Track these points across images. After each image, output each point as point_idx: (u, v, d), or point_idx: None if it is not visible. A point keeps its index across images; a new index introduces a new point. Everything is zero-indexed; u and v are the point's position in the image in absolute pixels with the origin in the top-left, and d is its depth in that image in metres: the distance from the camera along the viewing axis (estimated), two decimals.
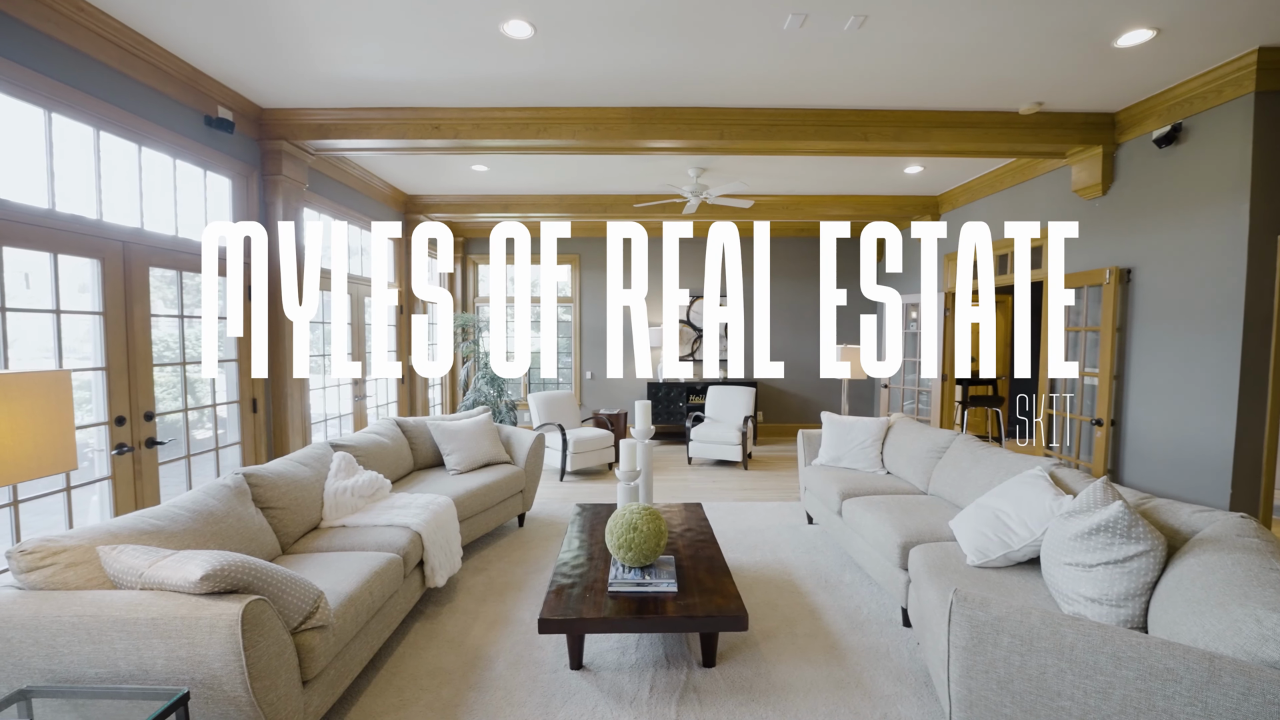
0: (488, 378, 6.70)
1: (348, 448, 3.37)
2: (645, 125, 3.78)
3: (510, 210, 6.13)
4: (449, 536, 3.04)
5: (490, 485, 3.76)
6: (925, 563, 2.45)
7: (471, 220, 7.22)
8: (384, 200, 5.69)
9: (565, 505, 4.74)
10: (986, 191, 5.35)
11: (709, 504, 4.77)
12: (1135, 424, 3.71)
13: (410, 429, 4.11)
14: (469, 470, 3.96)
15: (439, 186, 5.79)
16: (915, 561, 2.55)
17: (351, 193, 5.11)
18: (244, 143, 3.73)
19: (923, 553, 2.55)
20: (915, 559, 2.57)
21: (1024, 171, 4.78)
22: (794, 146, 3.99)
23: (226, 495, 2.36)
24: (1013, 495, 2.49)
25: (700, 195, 5.05)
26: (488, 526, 3.77)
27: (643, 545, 2.45)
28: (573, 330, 7.71)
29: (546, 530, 4.15)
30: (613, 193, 5.95)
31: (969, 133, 3.87)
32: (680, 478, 5.69)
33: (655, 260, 7.64)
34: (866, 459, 4.04)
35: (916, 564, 2.52)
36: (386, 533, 2.73)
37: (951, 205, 5.93)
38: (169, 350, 3.27)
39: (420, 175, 5.38)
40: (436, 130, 3.82)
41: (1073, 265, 4.28)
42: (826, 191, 5.97)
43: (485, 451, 4.08)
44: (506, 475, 3.95)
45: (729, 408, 6.44)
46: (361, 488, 3.02)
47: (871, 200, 6.12)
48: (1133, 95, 3.56)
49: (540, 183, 5.60)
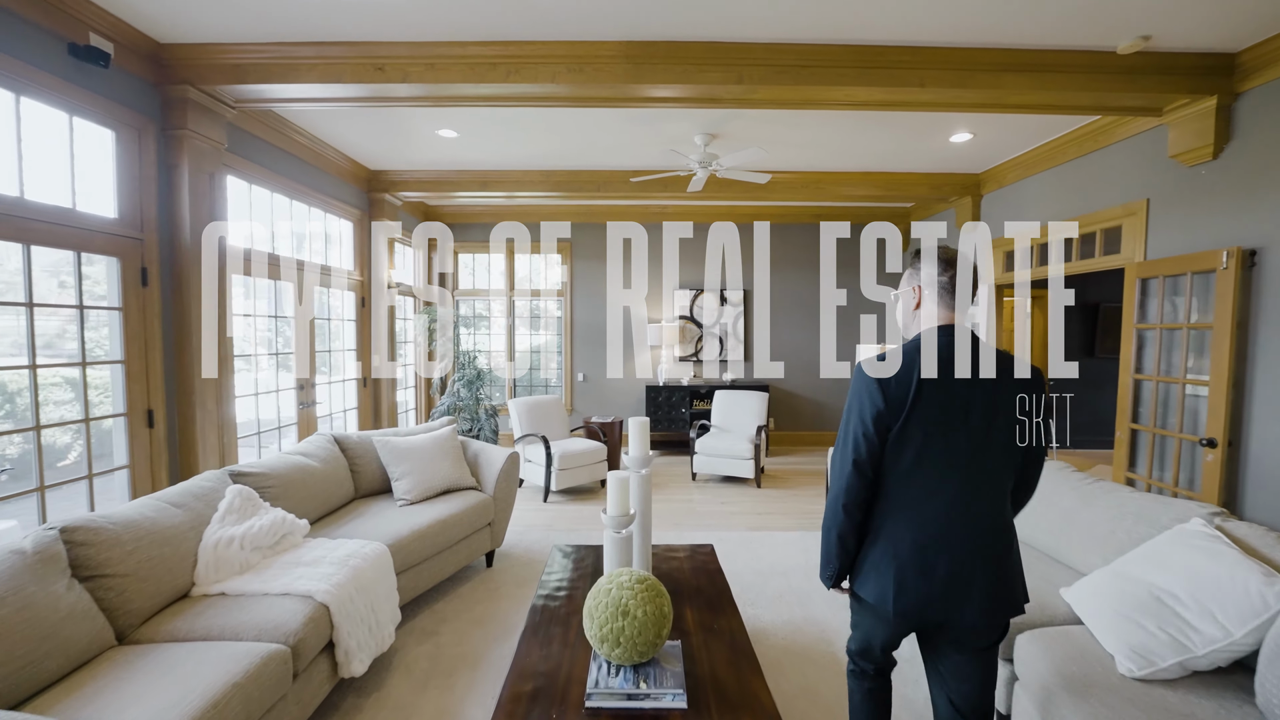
0: (466, 380, 5.92)
1: (252, 476, 2.58)
2: (643, 65, 2.99)
3: (490, 189, 5.34)
4: (376, 601, 2.25)
5: (447, 520, 2.98)
6: (1052, 666, 1.67)
7: (448, 203, 6.44)
8: (341, 175, 4.90)
9: (547, 535, 3.96)
10: (1043, 165, 4.56)
11: (719, 535, 3.99)
12: (1262, 445, 2.93)
13: (352, 447, 3.32)
14: (423, 499, 3.18)
15: (405, 160, 5.00)
16: (1030, 657, 1.77)
17: (298, 164, 4.32)
18: (134, 86, 2.94)
19: (1040, 646, 1.77)
20: (1029, 652, 1.79)
21: (1096, 138, 4.00)
22: (829, 96, 3.20)
23: (13, 569, 1.57)
24: (1177, 565, 1.71)
25: (709, 167, 4.26)
26: (443, 573, 2.99)
27: (637, 638, 1.67)
28: (563, 327, 6.93)
29: (522, 572, 3.37)
30: (606, 167, 5.15)
31: (1049, 79, 3.08)
32: (684, 498, 4.91)
33: (655, 250, 6.85)
34: None
35: (1034, 665, 1.74)
36: (278, 606, 1.94)
37: (997, 184, 5.14)
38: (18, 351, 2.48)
39: (381, 145, 4.59)
40: (380, 72, 3.03)
41: (1166, 248, 3.50)
42: (851, 168, 5.18)
43: (444, 475, 3.30)
44: (470, 506, 3.17)
45: (738, 415, 5.66)
46: (259, 536, 2.23)
47: (903, 179, 5.33)
48: (1262, 28, 2.77)
49: (522, 154, 4.81)
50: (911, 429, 1.35)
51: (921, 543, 1.35)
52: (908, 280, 1.54)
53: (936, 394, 1.34)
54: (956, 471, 1.35)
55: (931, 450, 1.35)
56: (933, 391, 1.34)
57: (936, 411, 1.34)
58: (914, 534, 1.36)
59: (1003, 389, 1.37)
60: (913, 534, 1.36)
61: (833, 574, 1.48)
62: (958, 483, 1.35)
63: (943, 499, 1.35)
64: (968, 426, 1.35)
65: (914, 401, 1.34)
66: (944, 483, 1.35)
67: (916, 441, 1.35)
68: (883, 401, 1.35)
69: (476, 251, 6.93)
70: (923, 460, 1.35)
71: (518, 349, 7.05)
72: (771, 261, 6.90)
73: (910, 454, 1.35)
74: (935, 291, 1.46)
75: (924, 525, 1.35)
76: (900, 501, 1.38)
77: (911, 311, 1.52)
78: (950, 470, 1.35)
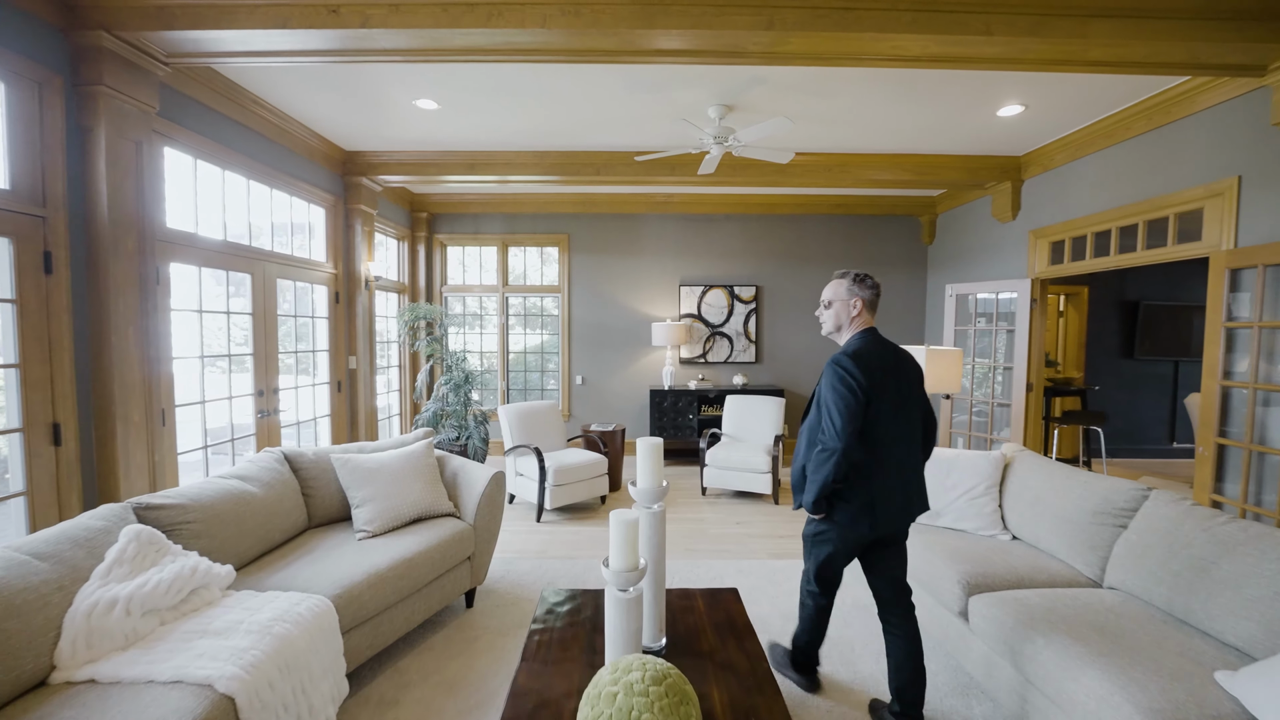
0: (453, 384, 5.40)
1: (164, 510, 2.06)
2: (653, 5, 2.47)
3: (478, 172, 4.81)
4: (309, 680, 1.73)
5: (416, 559, 2.45)
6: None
7: (434, 190, 5.91)
8: (312, 156, 4.37)
9: (539, 566, 3.44)
10: (1099, 144, 4.04)
11: (738, 565, 3.46)
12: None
13: (306, 466, 2.80)
14: (388, 530, 2.65)
15: (383, 139, 4.47)
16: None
17: (259, 140, 3.79)
18: (32, 29, 2.41)
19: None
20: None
21: (1170, 109, 3.48)
22: (873, 48, 2.68)
23: None
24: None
25: (725, 143, 3.74)
26: (411, 622, 2.47)
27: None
28: (561, 326, 6.40)
29: (507, 616, 2.84)
30: (607, 147, 4.63)
31: (1142, 28, 2.56)
32: (694, 517, 4.39)
33: (660, 242, 6.33)
34: (979, 515, 2.73)
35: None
36: (162, 702, 1.42)
37: (1042, 167, 4.62)
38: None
39: (354, 120, 4.06)
40: (335, 15, 2.51)
41: (1262, 233, 2.98)
42: (880, 148, 4.66)
43: (415, 500, 2.77)
44: (446, 538, 2.65)
45: (752, 423, 5.14)
46: (155, 594, 1.71)
47: (936, 162, 4.81)
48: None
49: (512, 131, 4.29)
50: (879, 403, 1.87)
51: (886, 483, 1.92)
52: (849, 293, 2.02)
53: (888, 378, 1.90)
54: (900, 430, 1.93)
55: (886, 417, 1.89)
56: (885, 376, 1.89)
57: (890, 389, 1.90)
58: (880, 477, 1.91)
59: (913, 372, 2.00)
60: (880, 477, 1.91)
61: (812, 504, 1.93)
62: (902, 439, 1.94)
63: (894, 451, 1.92)
64: (903, 398, 1.93)
65: (880, 384, 1.87)
66: (895, 439, 1.92)
67: (880, 412, 1.88)
68: (868, 384, 1.84)
69: (466, 244, 6.41)
70: (883, 424, 1.89)
71: (511, 350, 6.53)
72: (786, 255, 6.38)
73: (876, 420, 1.88)
74: (866, 304, 2.00)
75: (885, 470, 1.91)
76: (871, 454, 1.88)
77: (850, 318, 2.02)
78: (897, 430, 1.92)
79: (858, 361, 1.86)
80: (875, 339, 1.97)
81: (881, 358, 1.91)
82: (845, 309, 2.01)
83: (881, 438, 1.88)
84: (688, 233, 6.32)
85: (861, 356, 1.88)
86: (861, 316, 2.00)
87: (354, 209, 4.85)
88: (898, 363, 1.95)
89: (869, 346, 1.93)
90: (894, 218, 6.39)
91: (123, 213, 2.67)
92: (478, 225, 6.33)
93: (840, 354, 1.91)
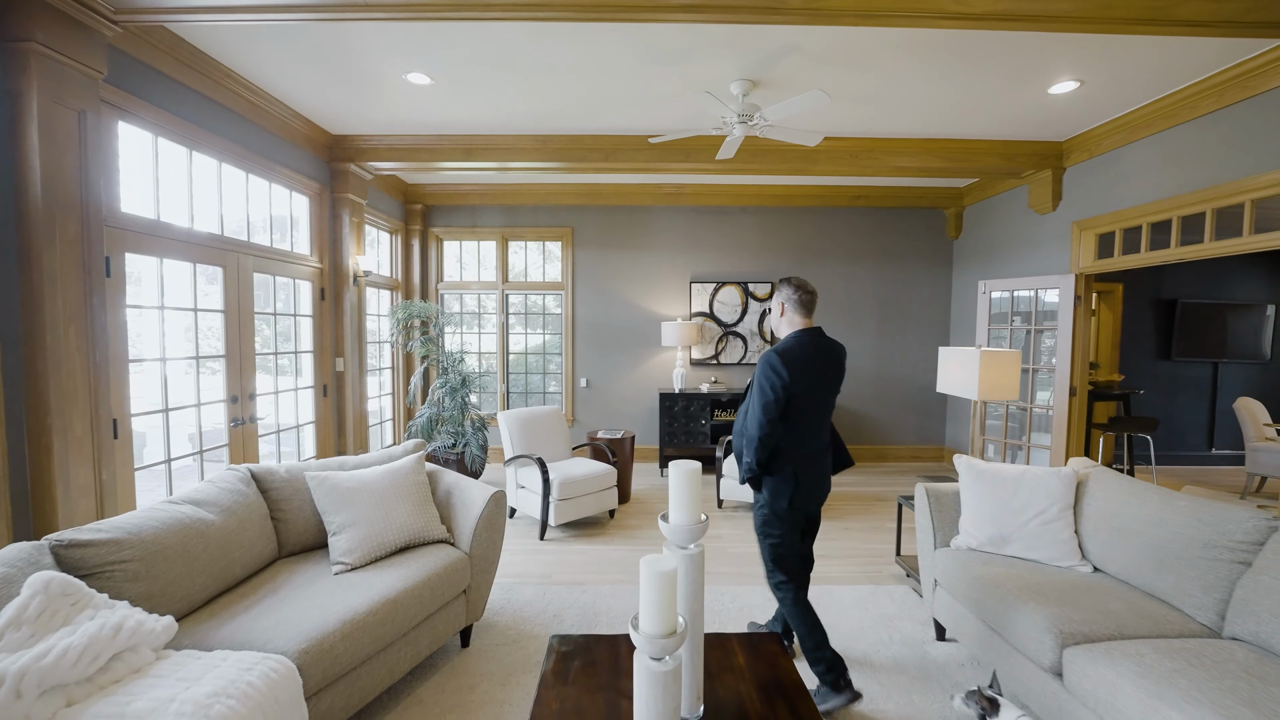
0: (450, 387, 5.03)
1: (91, 549, 1.69)
2: None
3: (476, 158, 4.44)
4: None
5: (402, 599, 2.08)
6: None
7: (429, 180, 5.55)
8: (295, 140, 4.00)
9: (544, 594, 3.07)
10: (1157, 125, 3.68)
11: (766, 592, 3.10)
12: None
13: (277, 486, 2.42)
14: (370, 562, 2.28)
15: (372, 121, 4.10)
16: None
17: (234, 119, 3.42)
18: None
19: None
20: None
21: (1247, 84, 3.12)
22: (933, 3, 2.31)
23: None
24: None
25: (751, 121, 3.37)
26: (395, 672, 2.10)
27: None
28: (564, 325, 6.03)
29: (508, 657, 2.48)
30: (616, 130, 4.26)
31: None
32: (712, 534, 4.02)
33: (670, 236, 5.97)
34: (1054, 543, 2.37)
35: None
36: None
37: (1087, 153, 4.25)
38: None
39: (340, 99, 3.69)
40: None
41: None
42: (913, 132, 4.29)
43: (402, 524, 2.40)
44: (437, 570, 2.28)
45: None
46: (60, 666, 1.34)
47: (971, 148, 4.45)
48: None
49: (513, 113, 3.92)
50: (800, 393, 2.15)
51: (809, 467, 2.23)
52: (781, 297, 2.29)
53: (810, 373, 2.18)
54: (818, 418, 2.25)
55: (807, 406, 2.19)
56: (808, 370, 2.17)
57: (810, 382, 2.18)
58: (805, 461, 2.21)
59: (833, 366, 2.28)
60: (804, 461, 2.21)
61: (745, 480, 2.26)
62: (818, 425, 2.26)
63: (814, 437, 2.24)
64: (822, 389, 2.24)
65: (801, 376, 2.14)
66: (814, 427, 2.24)
67: (801, 401, 2.17)
68: (788, 377, 2.11)
69: (463, 238, 6.04)
70: (804, 412, 2.19)
71: (511, 350, 6.16)
72: (803, 250, 6.02)
73: (798, 409, 2.17)
74: (795, 306, 2.26)
75: (805, 448, 2.22)
76: (795, 440, 2.20)
77: (779, 319, 2.31)
78: (816, 418, 2.24)
79: (784, 359, 2.13)
80: (804, 337, 2.22)
81: (802, 356, 2.17)
82: (778, 310, 2.32)
83: (802, 422, 2.19)
84: (699, 226, 5.96)
85: (787, 355, 2.14)
86: (788, 318, 2.28)
87: (341, 198, 4.48)
88: (823, 360, 2.23)
89: (796, 345, 2.19)
90: (917, 210, 6.02)
91: (61, 193, 2.29)
92: (475, 218, 5.96)
93: (771, 351, 2.18)
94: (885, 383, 6.11)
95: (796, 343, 2.19)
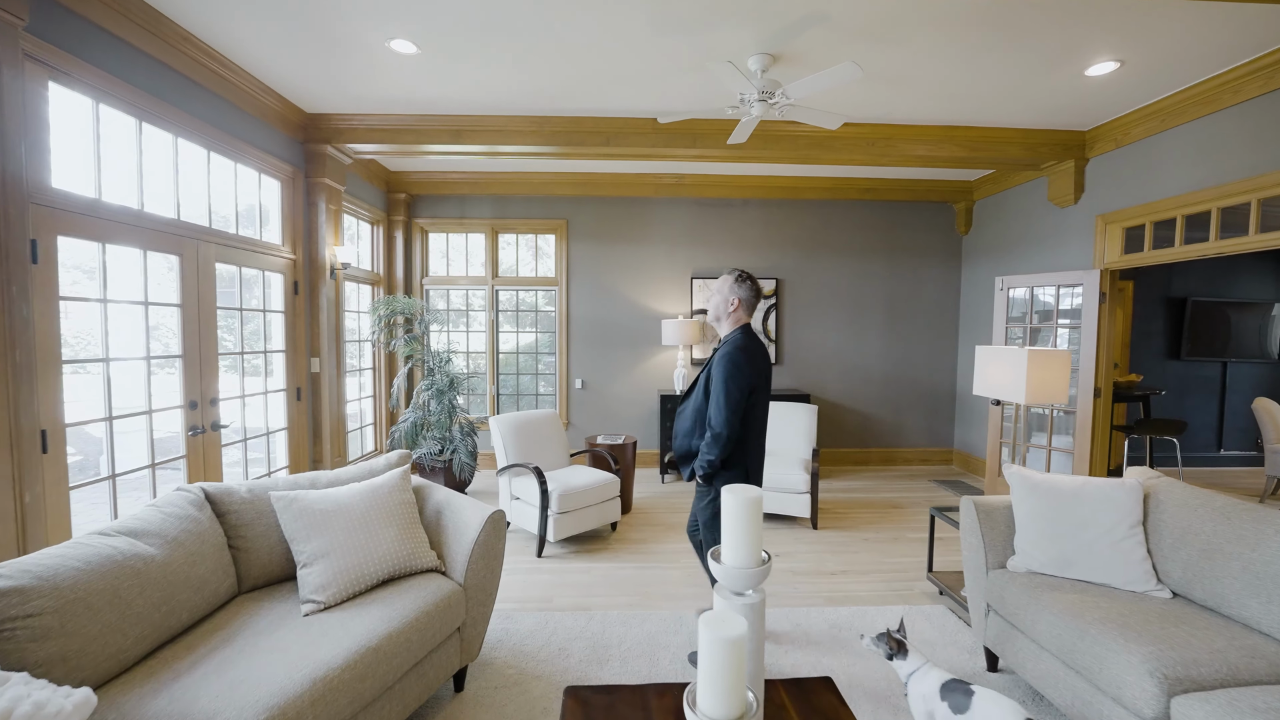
0: (436, 389, 4.67)
1: None
2: None
3: (464, 141, 4.09)
4: None
5: (383, 646, 1.75)
6: None
7: (413, 166, 5.17)
8: (265, 117, 3.61)
9: (547, 622, 2.74)
10: (1194, 112, 3.48)
11: (792, 615, 2.80)
12: None
13: (235, 508, 2.06)
14: (347, 599, 1.94)
15: (352, 97, 3.73)
16: None
17: (191, 89, 3.03)
18: None
19: None
20: None
21: None
22: None
23: None
24: None
25: (772, 100, 3.07)
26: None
27: None
28: (557, 322, 5.69)
29: (508, 704, 2.15)
30: (620, 112, 3.94)
31: None
32: None
33: (670, 229, 5.66)
34: (1126, 564, 2.11)
35: None
36: None
37: (1114, 142, 4.05)
38: None
39: (315, 70, 3.32)
40: None
41: None
42: (934, 118, 4.04)
43: (385, 552, 2.06)
44: (427, 608, 1.94)
45: (783, 433, 4.50)
46: None
47: (993, 136, 4.22)
48: None
49: (507, 90, 3.58)
50: (758, 391, 2.29)
51: (757, 454, 2.34)
52: (731, 291, 2.37)
53: (763, 370, 2.32)
54: (765, 411, 2.38)
55: (761, 403, 2.33)
56: (762, 367, 2.32)
57: (763, 379, 2.32)
58: (754, 448, 2.33)
59: (769, 361, 2.40)
60: (754, 449, 2.33)
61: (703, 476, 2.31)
62: (765, 419, 2.38)
63: (763, 431, 2.38)
64: (767, 384, 2.36)
65: (758, 374, 2.27)
66: (764, 421, 2.37)
67: (758, 398, 2.30)
68: (753, 376, 2.24)
69: (450, 230, 5.67)
70: (759, 408, 2.32)
71: (501, 350, 5.80)
72: (810, 245, 5.76)
73: (756, 405, 2.29)
74: (743, 303, 2.36)
75: (757, 443, 2.34)
76: (749, 432, 2.29)
77: (728, 313, 2.38)
78: (764, 412, 2.37)
79: (748, 356, 2.23)
80: (752, 335, 2.34)
81: (759, 354, 2.30)
82: (725, 304, 2.37)
83: (758, 418, 2.31)
84: (701, 219, 5.66)
85: (750, 353, 2.25)
86: (737, 314, 2.36)
87: (317, 183, 4.09)
88: (764, 356, 2.34)
89: (753, 343, 2.30)
90: (927, 204, 5.80)
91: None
92: (463, 209, 5.59)
93: (735, 349, 2.24)
94: (893, 383, 5.88)
95: (752, 340, 2.31)
